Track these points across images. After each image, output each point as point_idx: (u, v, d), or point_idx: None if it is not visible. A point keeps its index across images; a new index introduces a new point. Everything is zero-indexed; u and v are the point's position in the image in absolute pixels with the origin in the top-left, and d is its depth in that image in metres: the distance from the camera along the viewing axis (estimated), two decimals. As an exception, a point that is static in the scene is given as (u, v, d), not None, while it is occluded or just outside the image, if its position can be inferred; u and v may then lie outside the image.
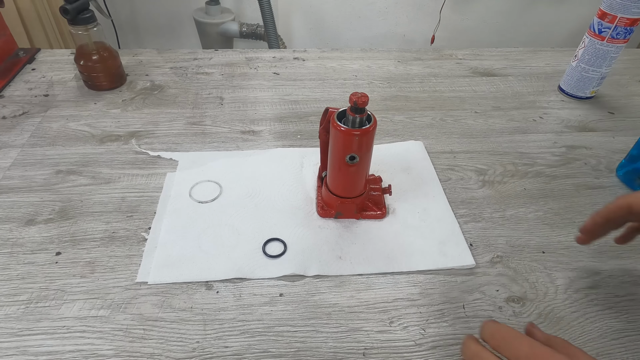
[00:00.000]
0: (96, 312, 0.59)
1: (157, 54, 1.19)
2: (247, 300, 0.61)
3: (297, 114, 0.98)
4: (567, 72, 1.07)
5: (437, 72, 1.17)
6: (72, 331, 0.57)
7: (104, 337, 0.56)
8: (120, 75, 1.06)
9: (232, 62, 1.17)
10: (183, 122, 0.94)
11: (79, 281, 0.62)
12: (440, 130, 0.95)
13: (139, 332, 0.57)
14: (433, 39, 2.54)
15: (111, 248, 0.67)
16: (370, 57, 1.22)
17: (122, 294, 0.61)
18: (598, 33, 0.96)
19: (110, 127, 0.92)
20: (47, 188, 0.77)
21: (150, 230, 0.71)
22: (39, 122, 0.92)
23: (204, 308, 0.60)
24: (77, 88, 1.04)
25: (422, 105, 1.03)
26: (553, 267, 0.68)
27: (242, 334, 0.57)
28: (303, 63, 1.18)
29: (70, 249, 0.67)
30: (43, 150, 0.85)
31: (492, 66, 1.21)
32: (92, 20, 0.95)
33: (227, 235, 0.70)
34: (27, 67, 1.11)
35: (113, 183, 0.78)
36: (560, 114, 1.02)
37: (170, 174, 0.81)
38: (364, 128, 0.63)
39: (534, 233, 0.73)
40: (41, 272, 0.63)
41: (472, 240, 0.71)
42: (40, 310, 0.59)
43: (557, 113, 1.03)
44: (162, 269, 0.65)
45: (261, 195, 0.77)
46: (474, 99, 1.06)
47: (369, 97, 1.03)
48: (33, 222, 0.71)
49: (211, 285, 0.63)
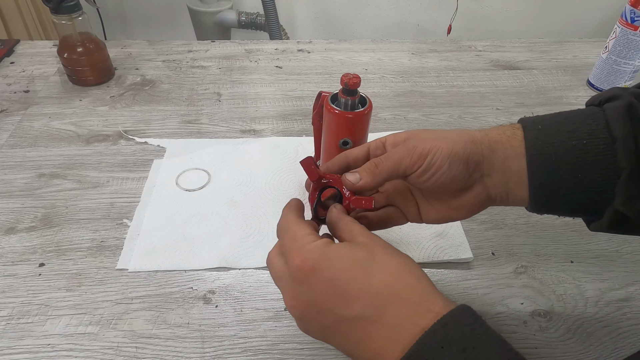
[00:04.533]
0: (84, 328, 0.59)
1: (148, 45, 1.20)
2: (249, 315, 0.62)
3: (301, 111, 0.99)
4: (597, 65, 1.07)
5: (454, 65, 1.18)
6: (58, 349, 0.57)
7: (92, 356, 0.56)
8: (108, 70, 1.06)
9: (230, 54, 1.18)
10: (177, 121, 0.95)
11: (65, 295, 0.63)
12: (461, 129, 0.95)
13: (131, 351, 0.57)
14: (450, 28, 2.54)
15: (99, 259, 0.68)
16: (381, 49, 1.23)
17: (112, 309, 0.61)
18: (630, 22, 0.96)
19: (97, 126, 0.92)
20: (28, 193, 0.77)
21: (133, 217, 0.73)
22: (19, 120, 0.93)
23: (202, 324, 0.60)
24: (61, 83, 1.05)
25: (438, 102, 1.04)
26: (582, 277, 0.68)
27: (243, 352, 0.58)
28: (308, 55, 1.19)
29: (54, 260, 0.67)
30: (24, 152, 0.85)
31: (515, 58, 1.21)
32: (76, 8, 0.96)
33: (213, 224, 0.73)
34: (5, 61, 1.12)
35: (101, 187, 0.79)
36: (590, 110, 1.02)
37: (157, 161, 0.83)
38: (357, 111, 0.64)
39: (562, 241, 0.73)
40: (23, 285, 0.64)
41: (494, 249, 0.71)
42: (22, 326, 0.59)
43: (586, 110, 1.02)
44: (145, 257, 0.68)
45: (252, 184, 0.80)
46: (495, 95, 1.07)
47: (381, 92, 1.04)
48: (13, 231, 0.71)
49: (209, 299, 0.63)
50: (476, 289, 0.66)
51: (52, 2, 0.92)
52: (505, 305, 0.64)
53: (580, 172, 0.45)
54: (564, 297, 0.65)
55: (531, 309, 0.63)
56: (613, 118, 0.44)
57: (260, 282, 0.66)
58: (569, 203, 0.47)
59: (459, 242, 0.71)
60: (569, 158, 0.45)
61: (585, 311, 0.63)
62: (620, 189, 0.43)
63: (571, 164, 0.45)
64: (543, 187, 0.47)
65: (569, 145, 0.46)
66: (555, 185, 0.47)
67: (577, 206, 0.47)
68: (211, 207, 0.76)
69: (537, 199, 0.48)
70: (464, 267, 0.69)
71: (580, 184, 0.45)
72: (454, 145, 0.48)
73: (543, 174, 0.46)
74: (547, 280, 0.67)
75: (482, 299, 0.64)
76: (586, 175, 0.45)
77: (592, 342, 0.60)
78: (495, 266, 0.69)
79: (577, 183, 0.45)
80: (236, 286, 0.65)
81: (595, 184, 0.45)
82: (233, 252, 0.69)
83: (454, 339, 0.36)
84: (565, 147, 0.46)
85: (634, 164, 0.42)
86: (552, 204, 0.48)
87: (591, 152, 0.45)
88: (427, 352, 0.36)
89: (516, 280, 0.67)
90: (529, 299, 0.65)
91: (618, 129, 0.44)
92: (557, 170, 0.46)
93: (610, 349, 0.59)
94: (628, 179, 0.43)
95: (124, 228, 0.72)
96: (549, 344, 0.59)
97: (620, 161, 0.43)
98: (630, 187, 0.43)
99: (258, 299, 0.63)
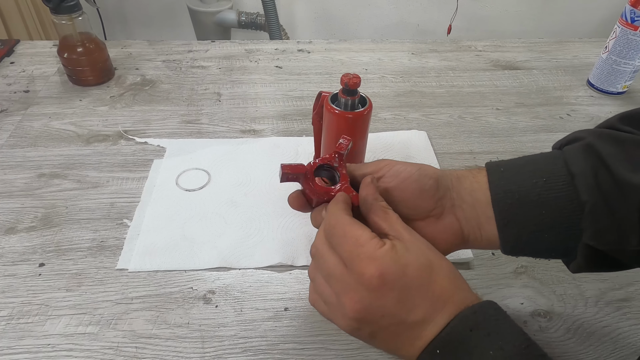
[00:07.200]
0: (84, 328, 0.59)
1: (148, 45, 1.20)
2: (249, 315, 0.62)
3: (301, 112, 0.99)
4: (597, 65, 1.07)
5: (454, 65, 1.18)
6: (58, 350, 0.57)
7: (92, 356, 0.57)
8: (108, 70, 1.06)
9: (230, 54, 1.18)
10: (177, 121, 0.95)
11: (65, 295, 0.63)
12: (458, 129, 0.95)
13: (131, 351, 0.57)
14: (450, 29, 2.54)
15: (99, 259, 0.68)
16: (381, 49, 1.23)
17: (112, 309, 0.62)
18: (630, 22, 0.96)
19: (97, 126, 0.92)
20: (28, 193, 0.77)
21: (133, 217, 0.73)
22: (19, 120, 0.93)
23: (202, 324, 0.60)
24: (61, 83, 1.05)
25: (438, 102, 1.04)
26: (582, 277, 0.68)
27: (243, 352, 0.58)
28: (308, 55, 1.19)
29: (54, 260, 0.67)
30: (24, 152, 0.85)
31: (515, 58, 1.21)
32: (76, 8, 0.96)
33: (214, 224, 0.73)
34: (5, 61, 1.12)
35: (101, 187, 0.79)
36: (590, 110, 1.03)
37: (157, 161, 0.83)
38: (357, 111, 0.64)
39: (562, 241, 0.73)
40: (23, 285, 0.64)
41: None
42: (22, 326, 0.59)
43: (585, 110, 1.03)
44: (145, 257, 0.68)
45: (252, 184, 0.80)
46: (496, 95, 1.07)
47: (381, 92, 1.04)
48: (14, 231, 0.71)
49: (209, 299, 0.63)
50: (476, 289, 0.66)
51: (52, 2, 0.92)
52: (505, 305, 0.64)
53: (544, 208, 0.46)
54: (564, 297, 0.65)
55: (531, 309, 0.63)
56: (570, 156, 0.47)
57: (260, 282, 0.66)
58: (539, 242, 0.48)
59: None
60: (532, 196, 0.47)
61: (585, 311, 0.63)
62: (586, 223, 0.44)
63: (534, 202, 0.47)
64: (511, 225, 0.48)
65: (530, 184, 0.47)
66: (522, 223, 0.48)
67: (549, 245, 0.48)
68: (211, 207, 0.76)
69: (507, 238, 0.49)
70: (464, 267, 0.69)
71: (547, 221, 0.47)
72: (421, 165, 0.51)
73: (509, 213, 0.48)
74: (547, 280, 0.67)
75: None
76: (551, 212, 0.46)
77: (592, 342, 0.60)
78: (495, 266, 0.69)
79: (543, 220, 0.47)
80: (236, 286, 0.65)
81: (561, 220, 0.46)
82: (233, 252, 0.69)
83: (481, 325, 0.41)
84: (527, 186, 0.47)
85: (596, 198, 0.44)
86: (523, 244, 0.49)
87: (553, 189, 0.46)
88: (459, 333, 0.41)
89: (516, 280, 0.67)
90: (529, 299, 0.65)
91: (575, 165, 0.46)
92: (522, 207, 0.47)
93: (610, 349, 0.59)
94: (592, 212, 0.44)
95: (124, 228, 0.72)
96: (549, 344, 0.59)
97: (582, 195, 0.44)
98: (597, 220, 0.44)
99: (258, 299, 0.63)
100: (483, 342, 0.40)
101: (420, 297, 0.43)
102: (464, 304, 0.43)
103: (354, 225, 0.45)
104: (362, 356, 0.58)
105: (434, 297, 0.43)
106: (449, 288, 0.44)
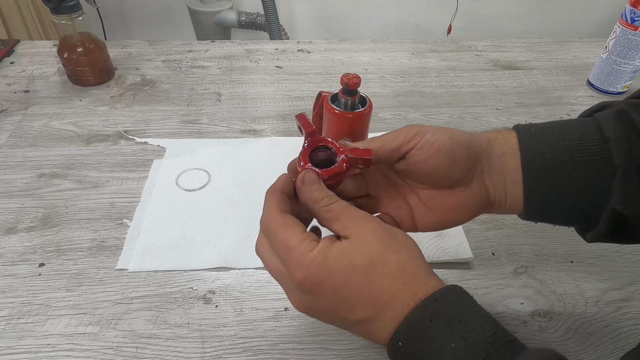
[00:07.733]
0: (84, 328, 0.59)
1: (148, 45, 1.20)
2: (249, 315, 0.62)
3: (301, 112, 0.98)
4: (597, 65, 1.07)
5: (454, 65, 1.18)
6: (58, 350, 0.57)
7: (92, 356, 0.57)
8: (108, 70, 1.06)
9: (230, 54, 1.18)
10: (177, 121, 0.95)
11: (65, 295, 0.63)
12: (458, 128, 0.95)
13: (131, 351, 0.57)
14: (450, 28, 2.54)
15: (99, 259, 0.68)
16: (381, 49, 1.23)
17: (112, 309, 0.62)
18: (630, 22, 0.96)
19: (97, 126, 0.92)
20: (28, 193, 0.77)
21: (133, 217, 0.73)
22: (19, 120, 0.93)
23: (202, 324, 0.60)
24: (61, 83, 1.05)
25: (438, 102, 1.04)
26: (582, 277, 0.68)
27: (243, 352, 0.58)
28: (308, 55, 1.19)
29: (54, 260, 0.67)
30: (24, 152, 0.85)
31: (515, 58, 1.21)
32: (76, 8, 0.96)
33: (214, 224, 0.73)
34: (5, 61, 1.12)
35: (101, 187, 0.79)
36: (590, 110, 1.02)
37: (157, 161, 0.83)
38: (357, 111, 0.64)
39: (561, 241, 0.73)
40: (23, 285, 0.64)
41: (494, 249, 0.71)
42: (22, 326, 0.59)
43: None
44: (144, 257, 0.68)
45: (252, 184, 0.80)
46: (496, 95, 1.07)
47: (381, 92, 1.04)
48: (14, 231, 0.71)
49: (209, 299, 0.63)
50: (476, 289, 0.66)
51: (52, 2, 0.92)
52: (505, 305, 0.64)
53: (575, 171, 0.46)
54: (564, 297, 0.65)
55: (531, 309, 0.63)
56: (604, 121, 0.46)
57: (260, 282, 0.66)
58: (564, 206, 0.48)
59: (459, 242, 0.71)
60: (564, 157, 0.46)
61: (585, 311, 0.63)
62: (617, 187, 0.44)
63: (566, 163, 0.46)
64: (538, 187, 0.47)
65: (562, 146, 0.47)
66: (550, 185, 0.47)
67: (572, 209, 0.48)
68: (211, 207, 0.76)
69: (532, 200, 0.48)
70: (464, 267, 0.69)
71: (576, 184, 0.46)
72: (453, 132, 0.49)
73: (537, 174, 0.47)
74: (547, 280, 0.67)
75: (482, 299, 0.64)
76: (581, 175, 0.46)
77: (592, 342, 0.60)
78: (495, 266, 0.69)
79: (572, 183, 0.46)
80: (236, 286, 0.65)
81: (591, 184, 0.45)
82: (233, 252, 0.69)
83: (442, 313, 0.39)
84: (559, 147, 0.47)
85: (628, 162, 0.43)
86: (547, 207, 0.48)
87: (585, 152, 0.46)
88: (417, 324, 0.40)
89: (516, 280, 0.67)
90: (529, 299, 0.65)
91: (610, 130, 0.45)
92: (552, 169, 0.46)
93: (610, 349, 0.59)
94: (624, 177, 0.44)
95: (124, 228, 0.72)
96: (549, 344, 0.59)
97: (615, 159, 0.44)
98: (626, 185, 0.44)
99: (258, 299, 0.63)
100: (443, 332, 0.39)
101: (355, 300, 0.41)
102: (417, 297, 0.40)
103: (284, 226, 0.44)
104: (362, 356, 0.58)
105: (371, 298, 0.41)
106: (390, 287, 0.41)
